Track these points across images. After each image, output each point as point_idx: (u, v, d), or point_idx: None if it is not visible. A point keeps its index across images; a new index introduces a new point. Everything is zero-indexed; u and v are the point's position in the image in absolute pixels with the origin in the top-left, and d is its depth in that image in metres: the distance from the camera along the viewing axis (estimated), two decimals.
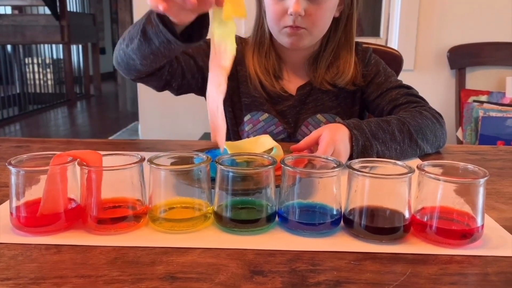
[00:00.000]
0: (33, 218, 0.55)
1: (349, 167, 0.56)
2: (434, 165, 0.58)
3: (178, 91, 1.00)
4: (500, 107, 2.29)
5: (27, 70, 5.85)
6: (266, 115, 1.03)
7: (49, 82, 6.16)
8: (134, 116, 4.75)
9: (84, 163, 0.56)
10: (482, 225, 0.55)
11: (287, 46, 0.99)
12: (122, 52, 0.85)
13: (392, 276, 0.47)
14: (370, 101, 1.04)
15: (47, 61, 6.13)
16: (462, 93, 2.38)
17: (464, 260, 0.51)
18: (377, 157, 0.79)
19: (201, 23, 0.75)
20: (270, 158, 0.60)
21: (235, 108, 1.07)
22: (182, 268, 0.48)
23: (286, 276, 0.47)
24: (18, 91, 5.42)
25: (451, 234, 0.54)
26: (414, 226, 0.57)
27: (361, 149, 0.80)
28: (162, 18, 0.73)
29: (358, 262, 0.50)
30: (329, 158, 0.61)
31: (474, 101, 2.34)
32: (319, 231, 0.56)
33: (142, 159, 0.58)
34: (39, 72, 6.00)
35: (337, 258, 0.51)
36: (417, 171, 0.56)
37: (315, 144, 0.79)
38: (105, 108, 6.16)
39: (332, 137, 0.77)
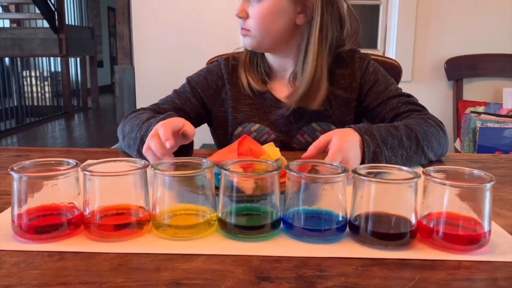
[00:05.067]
0: (35, 225, 0.55)
1: (355, 172, 0.56)
2: (439, 171, 0.58)
3: None
4: (497, 118, 2.30)
5: (25, 83, 5.86)
6: (257, 125, 1.04)
7: (47, 95, 6.16)
8: None
9: (88, 169, 0.55)
10: (489, 231, 0.54)
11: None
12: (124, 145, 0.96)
13: (401, 282, 0.47)
14: (370, 110, 1.04)
15: (45, 74, 6.14)
16: (459, 104, 2.39)
17: (472, 266, 0.51)
18: (385, 163, 0.78)
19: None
20: (274, 164, 0.59)
21: (228, 126, 1.08)
22: (187, 274, 0.47)
23: (294, 282, 0.46)
24: (15, 104, 5.42)
25: (458, 240, 0.54)
26: (421, 232, 0.56)
27: (372, 155, 0.80)
28: None
29: (366, 268, 0.50)
30: (333, 164, 0.61)
31: (472, 112, 2.35)
32: (324, 238, 0.56)
33: (146, 165, 0.58)
34: (37, 85, 6.01)
35: (344, 264, 0.50)
36: (422, 177, 0.56)
37: (325, 149, 0.79)
38: (102, 121, 6.16)
39: (341, 145, 0.76)
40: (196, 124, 1.10)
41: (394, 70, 1.35)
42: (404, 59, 2.34)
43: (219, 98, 1.08)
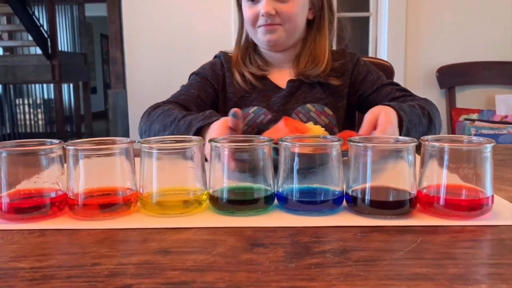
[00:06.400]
0: (17, 205, 0.52)
1: (351, 141, 0.54)
2: (438, 138, 0.56)
3: None
4: (491, 125, 2.30)
5: (18, 111, 5.83)
6: (255, 107, 1.06)
7: (40, 122, 6.13)
8: None
9: (72, 145, 0.53)
10: (492, 196, 0.52)
11: (265, 45, 1.05)
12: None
13: (403, 244, 0.44)
14: (365, 97, 1.06)
15: (38, 101, 6.13)
16: (453, 112, 2.39)
17: (477, 230, 0.48)
18: None
19: None
20: (266, 137, 0.57)
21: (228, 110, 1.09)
22: (176, 243, 0.45)
23: (289, 247, 0.44)
24: (8, 132, 5.38)
25: (460, 207, 0.51)
26: (421, 202, 0.54)
27: (405, 131, 0.80)
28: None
29: (365, 234, 0.47)
30: (327, 137, 0.59)
31: (466, 119, 2.35)
32: (320, 210, 0.53)
33: (132, 141, 0.56)
34: (30, 112, 5.98)
35: (342, 231, 0.48)
36: (421, 151, 0.54)
37: (375, 128, 0.77)
38: None
39: (390, 119, 0.77)
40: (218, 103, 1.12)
41: (385, 70, 1.34)
42: (396, 69, 2.32)
43: (224, 85, 1.12)
